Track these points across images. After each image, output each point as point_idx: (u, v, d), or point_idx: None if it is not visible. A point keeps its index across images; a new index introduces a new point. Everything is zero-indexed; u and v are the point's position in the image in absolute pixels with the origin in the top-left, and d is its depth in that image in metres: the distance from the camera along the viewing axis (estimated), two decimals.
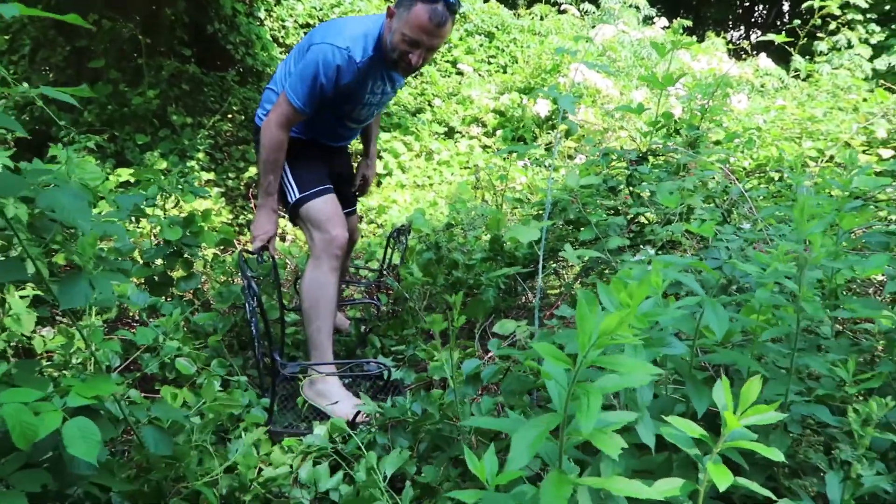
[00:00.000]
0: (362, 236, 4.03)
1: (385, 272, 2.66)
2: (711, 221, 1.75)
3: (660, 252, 2.31)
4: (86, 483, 1.36)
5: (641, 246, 2.27)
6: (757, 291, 1.30)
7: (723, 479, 0.82)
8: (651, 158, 2.74)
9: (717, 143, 3.29)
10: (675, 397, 1.34)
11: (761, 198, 2.97)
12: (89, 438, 1.22)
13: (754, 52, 7.50)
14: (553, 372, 0.85)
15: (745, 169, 3.82)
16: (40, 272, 1.38)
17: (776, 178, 3.52)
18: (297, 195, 2.27)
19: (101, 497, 1.44)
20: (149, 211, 2.33)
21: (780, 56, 7.73)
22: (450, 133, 5.53)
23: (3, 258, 1.28)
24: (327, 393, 2.16)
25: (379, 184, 4.79)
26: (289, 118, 2.18)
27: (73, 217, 1.16)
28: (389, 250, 2.70)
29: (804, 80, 7.11)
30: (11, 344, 2.19)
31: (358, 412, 1.90)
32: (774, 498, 0.94)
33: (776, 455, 0.86)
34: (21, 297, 2.22)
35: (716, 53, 7.14)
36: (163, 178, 2.63)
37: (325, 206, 2.26)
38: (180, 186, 2.60)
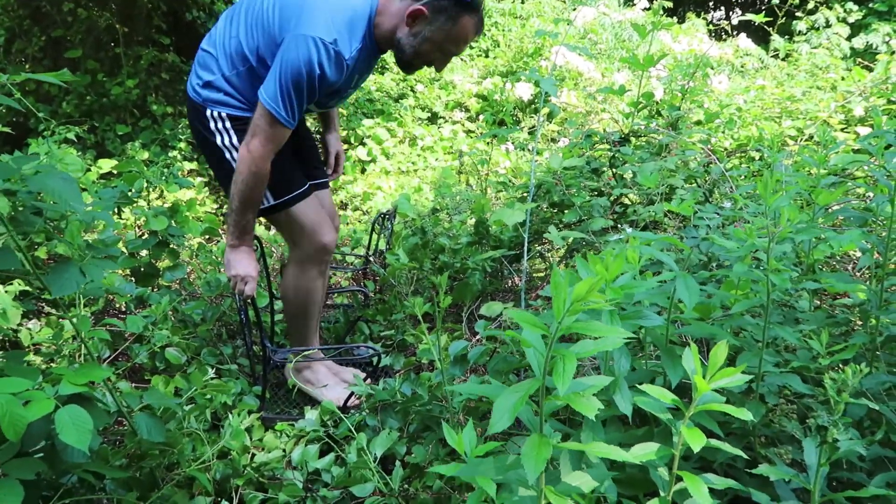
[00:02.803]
0: (347, 223, 4.04)
1: (371, 258, 2.68)
2: (690, 200, 1.79)
3: (644, 231, 2.34)
4: (80, 470, 1.38)
5: (618, 226, 2.31)
6: (734, 266, 1.34)
7: (696, 441, 0.86)
8: (633, 140, 2.77)
9: (698, 123, 3.33)
10: (654, 371, 1.38)
11: (742, 177, 3.02)
12: (81, 426, 1.23)
13: (735, 33, 7.54)
14: (532, 339, 0.88)
15: (725, 149, 3.86)
16: (27, 263, 1.38)
17: (756, 158, 3.57)
18: (273, 201, 1.96)
19: (95, 484, 1.46)
20: (133, 202, 2.31)
21: (760, 36, 7.78)
22: (433, 118, 5.53)
23: None
24: (314, 380, 2.18)
25: (363, 170, 4.79)
26: (279, 141, 1.81)
27: (65, 200, 1.17)
28: (375, 236, 2.72)
29: (783, 59, 7.17)
30: None
31: (350, 396, 1.93)
32: (748, 459, 0.98)
33: (746, 415, 0.90)
34: (6, 292, 2.22)
35: (696, 34, 7.18)
36: (146, 168, 2.62)
37: (308, 210, 2.01)
38: (164, 177, 2.59)
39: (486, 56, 6.62)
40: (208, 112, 1.90)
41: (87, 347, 1.53)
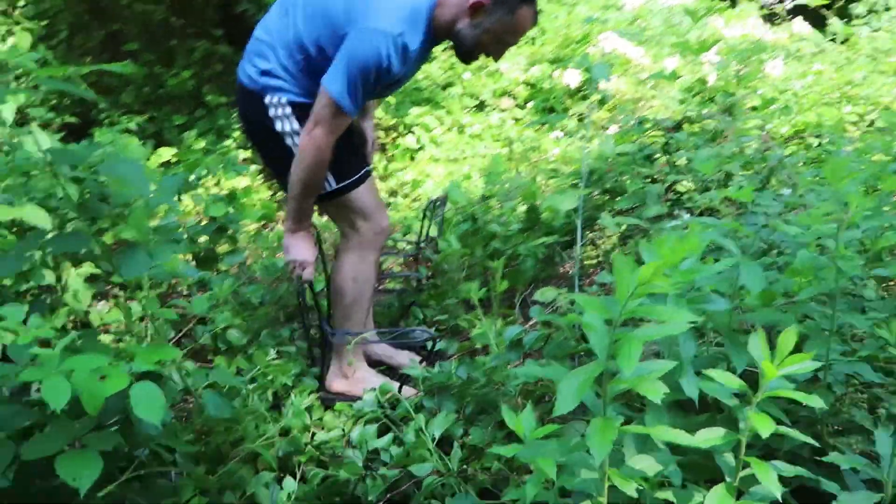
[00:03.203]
0: (398, 210, 4.08)
1: (423, 244, 2.70)
2: (750, 187, 1.75)
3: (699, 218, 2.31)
4: (152, 444, 1.44)
5: (675, 212, 2.28)
6: (798, 252, 1.31)
7: (765, 427, 0.85)
8: (686, 126, 2.73)
9: (754, 109, 3.24)
10: (715, 357, 1.37)
11: (801, 163, 2.94)
12: (154, 401, 1.29)
13: (789, 17, 7.28)
14: (595, 323, 0.88)
15: (782, 135, 3.75)
16: (98, 246, 1.44)
17: (815, 144, 3.46)
18: (335, 185, 1.95)
19: (166, 458, 1.52)
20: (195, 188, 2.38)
21: (816, 20, 7.50)
22: (481, 106, 5.52)
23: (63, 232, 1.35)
24: (359, 379, 2.11)
25: (412, 158, 4.82)
26: (341, 130, 1.83)
27: (133, 186, 1.22)
28: (427, 222, 2.74)
29: (842, 43, 6.91)
30: (70, 319, 2.29)
31: (402, 384, 1.95)
32: (818, 446, 0.96)
33: (817, 402, 0.88)
34: (77, 274, 2.32)
35: (749, 19, 6.96)
36: (204, 157, 2.70)
37: (369, 193, 2.02)
38: (222, 165, 2.67)
39: (533, 43, 6.56)
40: (267, 98, 1.91)
41: (156, 328, 1.59)
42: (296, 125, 1.91)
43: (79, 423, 1.30)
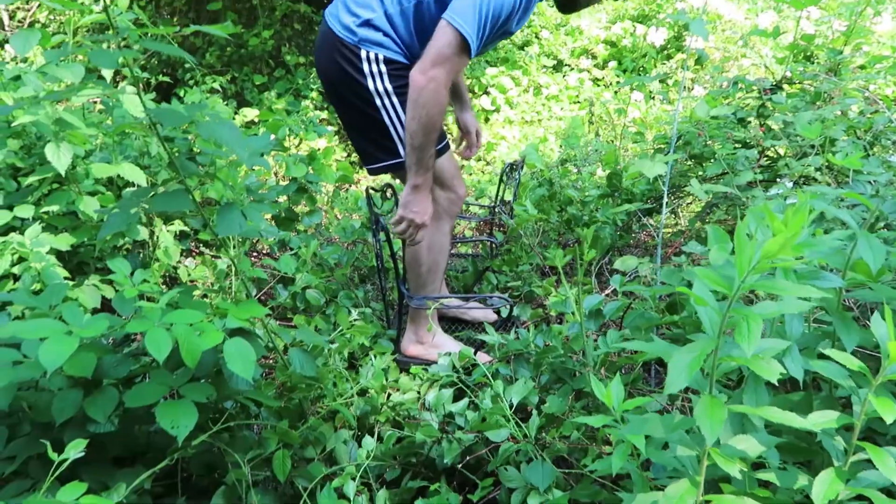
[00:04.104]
0: (471, 174, 4.05)
1: (498, 208, 2.67)
2: (858, 153, 1.62)
3: (795, 187, 2.18)
4: (241, 397, 1.50)
5: (777, 179, 2.15)
6: None
7: (888, 411, 0.79)
8: (786, 87, 2.55)
9: (862, 68, 3.01)
10: (818, 335, 1.29)
11: None
12: (246, 357, 1.33)
13: None
14: (706, 297, 0.84)
15: (889, 97, 3.48)
16: (193, 204, 1.48)
17: None
18: None
19: (253, 411, 1.59)
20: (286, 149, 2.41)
21: None
22: (558, 66, 5.36)
23: (164, 191, 1.39)
24: (435, 344, 2.14)
25: (486, 120, 4.75)
26: (460, 69, 1.73)
27: (232, 146, 1.24)
28: (502, 185, 2.70)
29: None
30: (162, 274, 2.40)
31: (477, 350, 1.95)
32: None
33: None
34: (168, 231, 2.42)
35: None
36: (287, 117, 2.73)
37: (449, 162, 1.99)
38: (303, 125, 2.70)
39: None
40: (363, 53, 1.81)
41: (245, 285, 1.64)
42: (388, 84, 1.85)
43: (175, 375, 1.37)
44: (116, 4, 2.24)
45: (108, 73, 2.02)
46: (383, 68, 1.83)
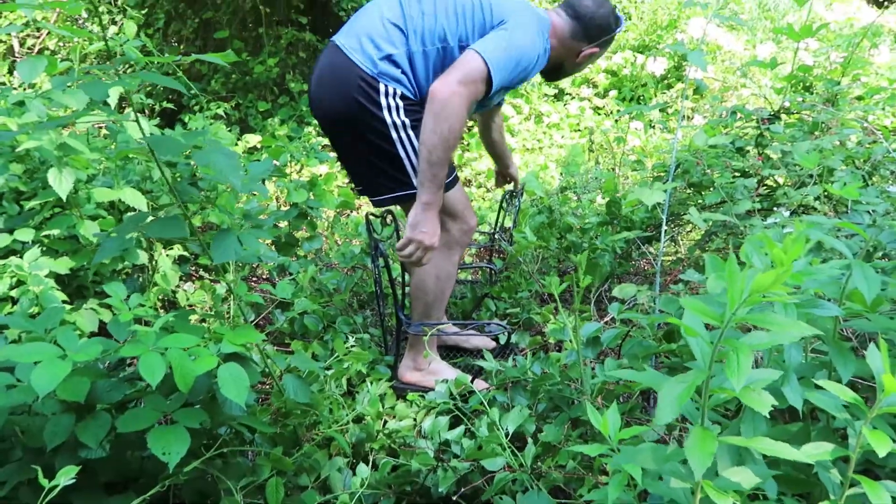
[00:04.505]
0: (471, 200, 4.06)
1: (498, 235, 2.68)
2: (856, 183, 1.63)
3: (793, 216, 2.18)
4: (235, 423, 1.48)
5: (775, 208, 2.15)
6: None
7: (882, 445, 0.79)
8: (784, 117, 2.57)
9: (860, 98, 3.03)
10: (815, 364, 1.28)
11: None
12: (239, 382, 1.32)
13: None
14: (697, 328, 0.83)
15: (887, 127, 3.50)
16: (190, 230, 1.49)
17: None
18: None
19: (247, 437, 1.57)
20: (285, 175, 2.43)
21: None
22: (559, 95, 5.42)
23: (162, 216, 1.40)
24: (433, 371, 2.12)
25: None
26: (477, 98, 1.74)
27: (226, 174, 1.24)
28: (502, 212, 2.71)
29: None
30: (160, 298, 2.40)
31: (475, 377, 1.94)
32: None
33: None
34: (167, 256, 2.42)
35: (852, 2, 6.53)
36: (289, 143, 2.76)
37: (460, 193, 2.00)
38: (305, 152, 2.72)
39: None
40: (381, 86, 1.80)
41: (242, 310, 1.64)
42: (405, 118, 1.84)
43: (169, 400, 1.36)
44: (124, 32, 2.27)
45: (113, 99, 2.05)
46: (399, 102, 1.83)
